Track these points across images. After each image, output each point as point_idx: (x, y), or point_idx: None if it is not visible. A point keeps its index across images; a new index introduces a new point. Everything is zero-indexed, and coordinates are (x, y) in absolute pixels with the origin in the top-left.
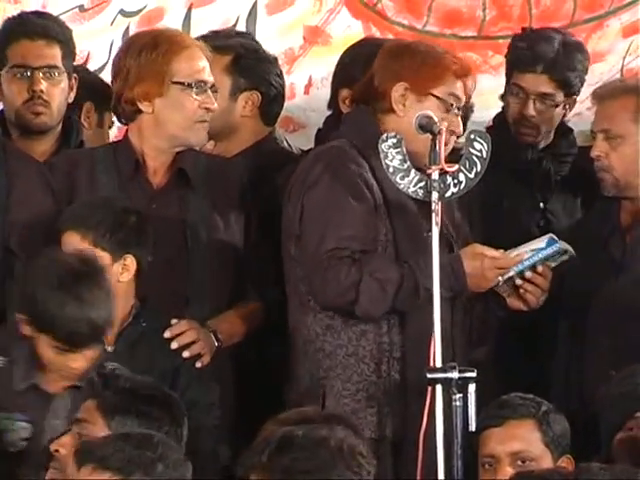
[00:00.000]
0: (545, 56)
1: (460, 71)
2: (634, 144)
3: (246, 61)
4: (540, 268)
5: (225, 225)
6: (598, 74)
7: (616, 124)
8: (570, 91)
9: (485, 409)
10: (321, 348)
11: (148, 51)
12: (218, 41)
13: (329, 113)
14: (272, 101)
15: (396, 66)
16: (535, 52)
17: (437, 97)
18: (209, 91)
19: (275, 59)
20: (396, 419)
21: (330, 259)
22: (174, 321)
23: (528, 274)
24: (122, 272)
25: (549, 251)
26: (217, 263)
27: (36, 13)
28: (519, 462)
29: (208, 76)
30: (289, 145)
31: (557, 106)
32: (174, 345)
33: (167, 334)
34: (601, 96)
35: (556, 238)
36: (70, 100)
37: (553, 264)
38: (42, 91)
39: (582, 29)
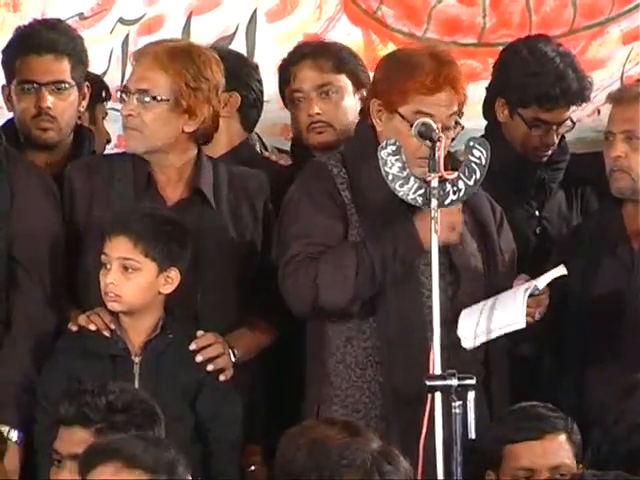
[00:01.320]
0: (569, 90)
1: (432, 86)
2: None
3: (228, 62)
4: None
5: (240, 240)
6: (598, 81)
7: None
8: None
9: (511, 419)
10: (319, 357)
11: None
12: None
13: None
14: (251, 105)
15: (374, 80)
16: (560, 91)
17: (402, 116)
18: (131, 97)
19: (257, 66)
20: (383, 423)
21: (288, 266)
22: (200, 333)
23: None
24: (165, 284)
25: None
26: (229, 279)
27: (46, 24)
28: (557, 475)
29: (132, 83)
30: (264, 145)
31: None
32: (199, 358)
33: (193, 346)
34: (621, 98)
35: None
36: (82, 108)
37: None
38: (49, 107)
39: (582, 36)
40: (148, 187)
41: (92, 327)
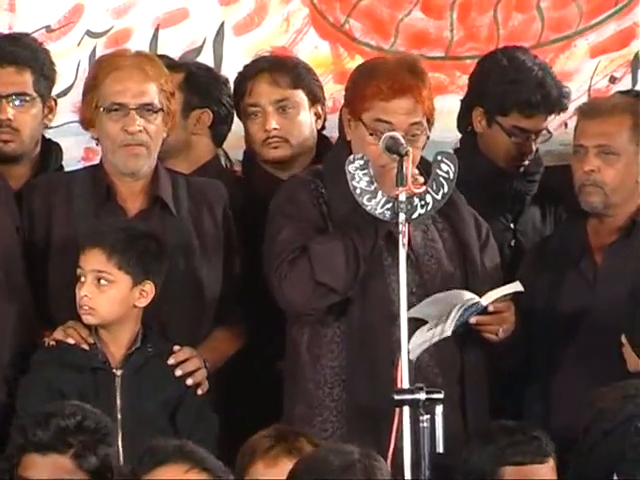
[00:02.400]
0: (549, 97)
1: (388, 92)
2: (629, 164)
3: (198, 79)
4: (491, 307)
5: (203, 248)
6: None
7: (615, 141)
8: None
9: (507, 439)
10: (292, 376)
11: (89, 75)
12: (171, 60)
13: None
14: (222, 122)
15: (345, 89)
16: (541, 97)
17: (364, 124)
18: (132, 113)
19: (227, 80)
20: (347, 441)
21: (281, 268)
22: (176, 347)
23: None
24: (139, 298)
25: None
26: (195, 289)
27: (9, 38)
28: None
29: (131, 98)
30: (229, 159)
31: None
32: (178, 372)
33: (171, 361)
34: (593, 112)
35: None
36: (49, 122)
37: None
38: (9, 119)
39: (549, 49)
40: (108, 200)
41: (70, 340)
